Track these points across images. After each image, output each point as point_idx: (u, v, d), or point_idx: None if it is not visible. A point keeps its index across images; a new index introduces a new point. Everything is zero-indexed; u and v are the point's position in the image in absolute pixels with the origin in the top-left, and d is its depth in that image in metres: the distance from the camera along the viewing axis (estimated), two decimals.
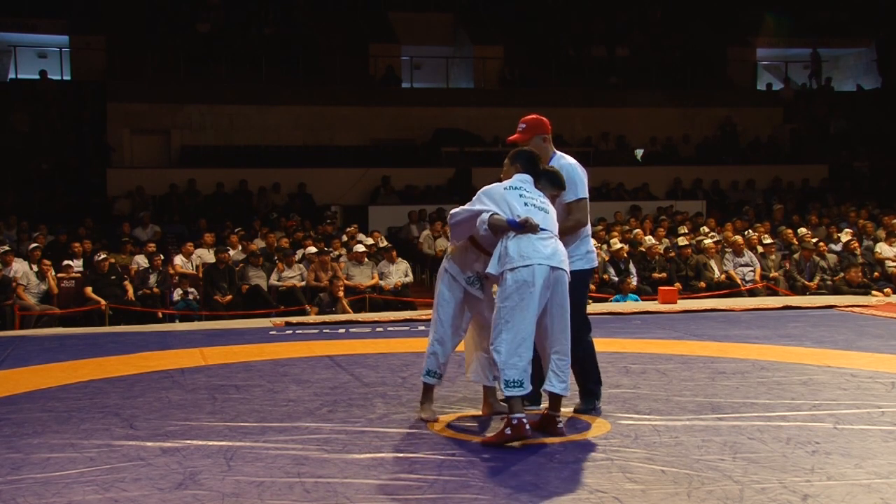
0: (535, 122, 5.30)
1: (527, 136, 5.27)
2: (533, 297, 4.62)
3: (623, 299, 11.89)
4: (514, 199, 4.84)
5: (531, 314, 4.64)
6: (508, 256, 4.69)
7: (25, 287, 11.37)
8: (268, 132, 20.42)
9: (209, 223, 15.61)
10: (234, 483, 3.99)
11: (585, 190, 5.26)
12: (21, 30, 21.24)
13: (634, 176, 20.47)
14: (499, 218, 4.77)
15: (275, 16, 22.52)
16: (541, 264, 4.66)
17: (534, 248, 4.69)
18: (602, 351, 7.50)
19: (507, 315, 4.64)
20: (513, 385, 4.56)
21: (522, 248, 4.68)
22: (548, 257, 4.70)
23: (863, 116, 23.37)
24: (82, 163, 18.98)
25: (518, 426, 4.53)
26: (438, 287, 5.20)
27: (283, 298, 12.08)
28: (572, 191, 5.19)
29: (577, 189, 5.21)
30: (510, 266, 4.66)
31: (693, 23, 24.61)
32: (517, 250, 4.68)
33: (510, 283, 4.65)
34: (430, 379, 5.16)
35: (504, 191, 4.89)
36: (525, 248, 4.68)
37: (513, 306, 4.63)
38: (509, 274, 4.66)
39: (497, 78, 22.43)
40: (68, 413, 5.44)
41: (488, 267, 4.81)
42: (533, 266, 4.64)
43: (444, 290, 5.14)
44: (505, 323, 4.63)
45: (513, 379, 4.56)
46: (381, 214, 17.62)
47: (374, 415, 5.29)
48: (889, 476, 4.01)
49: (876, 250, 13.59)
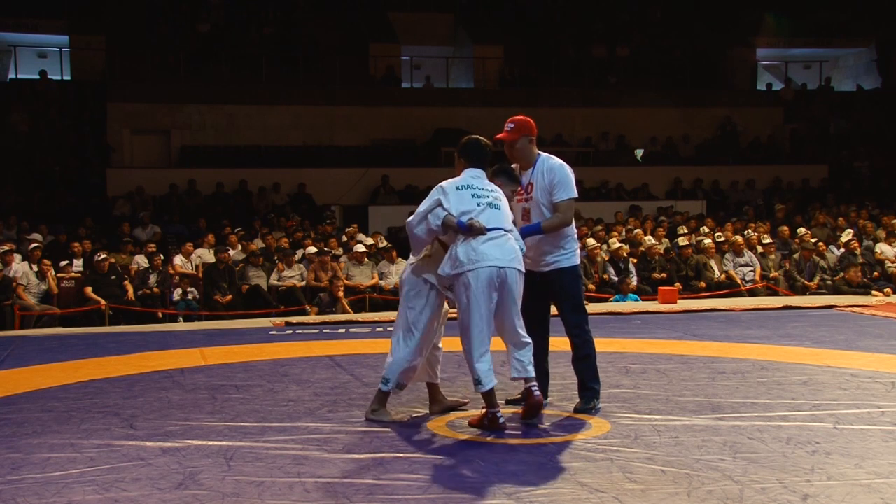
0: (524, 122, 5.33)
1: (515, 135, 5.28)
2: (480, 299, 4.80)
3: (623, 299, 11.88)
4: (465, 197, 4.92)
5: (482, 314, 4.82)
6: (458, 260, 4.84)
7: (25, 287, 11.37)
8: (268, 132, 20.43)
9: (209, 223, 15.61)
10: (234, 483, 3.99)
11: (575, 190, 5.31)
12: (21, 30, 21.25)
13: (634, 176, 20.47)
14: (451, 219, 4.87)
15: (275, 16, 22.53)
16: (487, 266, 4.79)
17: (481, 250, 4.81)
18: (602, 351, 7.50)
19: (463, 318, 4.87)
20: (477, 383, 4.83)
21: (469, 252, 4.82)
22: (496, 259, 4.82)
23: (863, 116, 23.37)
24: (82, 163, 18.99)
25: (492, 419, 4.83)
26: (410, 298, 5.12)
27: (283, 298, 12.08)
28: (563, 190, 5.23)
29: (568, 189, 5.25)
30: (459, 270, 4.82)
31: (693, 23, 24.62)
32: (465, 253, 4.83)
33: (460, 286, 4.84)
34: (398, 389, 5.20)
35: (456, 190, 4.95)
36: (472, 252, 4.82)
37: (464, 309, 4.84)
38: (459, 278, 4.83)
39: (497, 78, 22.43)
40: (68, 413, 5.44)
41: (440, 268, 4.93)
42: (478, 270, 4.79)
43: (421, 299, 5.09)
44: (464, 326, 4.86)
45: (478, 378, 4.82)
46: (381, 214, 17.62)
47: None
48: (889, 476, 4.01)
49: (876, 250, 13.59)
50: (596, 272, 12.56)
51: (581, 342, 5.33)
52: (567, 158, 5.67)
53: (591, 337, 5.38)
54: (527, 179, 5.31)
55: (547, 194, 5.24)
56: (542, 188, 5.25)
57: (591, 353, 5.36)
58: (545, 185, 5.24)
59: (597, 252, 12.80)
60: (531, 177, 5.30)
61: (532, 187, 5.28)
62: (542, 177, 5.25)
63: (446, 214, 4.87)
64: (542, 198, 5.25)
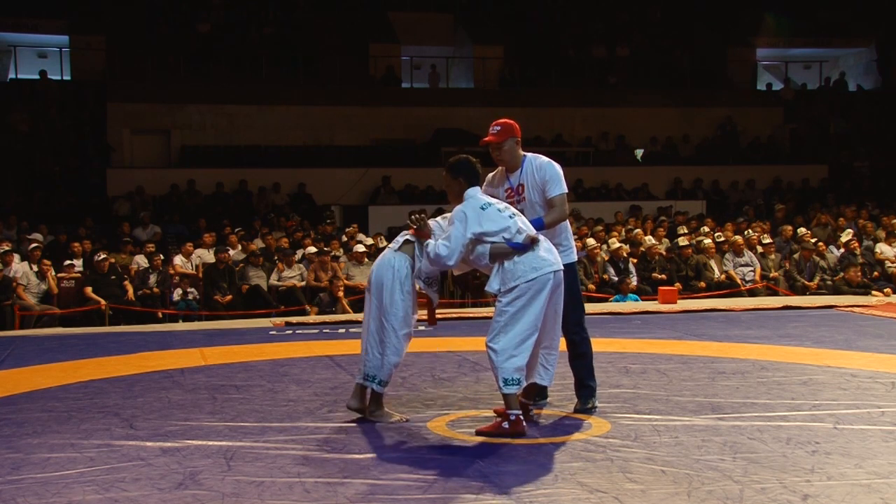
0: (509, 125, 5.33)
1: (502, 138, 5.29)
2: (540, 302, 4.76)
3: (623, 299, 11.88)
4: (494, 216, 4.87)
5: (535, 317, 4.76)
6: (518, 270, 4.76)
7: (25, 287, 11.37)
8: (268, 132, 20.43)
9: (209, 223, 15.60)
10: (234, 483, 3.99)
11: (565, 185, 5.33)
12: (21, 30, 21.26)
13: (634, 176, 20.47)
14: (500, 246, 4.81)
15: (275, 16, 22.54)
16: (551, 272, 4.80)
17: (542, 258, 4.81)
18: (602, 351, 7.51)
19: (509, 317, 4.74)
20: (511, 383, 4.69)
21: (532, 261, 4.78)
22: (554, 263, 4.84)
23: (863, 116, 23.37)
24: (82, 163, 18.99)
25: (516, 422, 4.69)
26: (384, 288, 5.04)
27: (283, 298, 12.08)
28: (557, 185, 5.24)
29: (561, 183, 5.27)
30: (525, 279, 4.75)
31: (693, 23, 24.62)
32: (528, 263, 4.78)
33: (521, 290, 4.74)
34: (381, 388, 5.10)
35: (482, 211, 4.88)
36: (535, 261, 4.78)
37: (516, 310, 4.74)
38: (523, 284, 4.75)
39: (497, 78, 22.44)
40: (68, 413, 5.43)
41: (489, 285, 4.85)
42: (548, 275, 4.78)
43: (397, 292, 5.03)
44: (506, 325, 4.74)
45: (510, 377, 4.69)
46: (381, 214, 17.61)
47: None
48: (889, 476, 4.01)
49: (876, 250, 13.59)
50: (596, 272, 12.56)
51: (580, 339, 5.34)
52: (567, 158, 5.71)
53: (588, 334, 5.39)
54: (516, 181, 5.31)
55: (540, 192, 5.25)
56: (533, 187, 5.27)
57: (588, 350, 5.38)
58: (537, 183, 5.25)
59: (597, 252, 12.80)
60: (521, 178, 5.31)
61: (523, 188, 5.29)
62: (533, 176, 5.25)
63: (491, 246, 4.81)
64: (535, 196, 5.26)
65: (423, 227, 5.05)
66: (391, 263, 5.09)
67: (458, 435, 4.81)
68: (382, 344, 5.04)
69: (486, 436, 4.71)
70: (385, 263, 5.12)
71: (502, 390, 4.73)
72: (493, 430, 4.74)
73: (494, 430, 4.73)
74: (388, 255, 5.17)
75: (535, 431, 4.85)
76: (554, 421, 5.10)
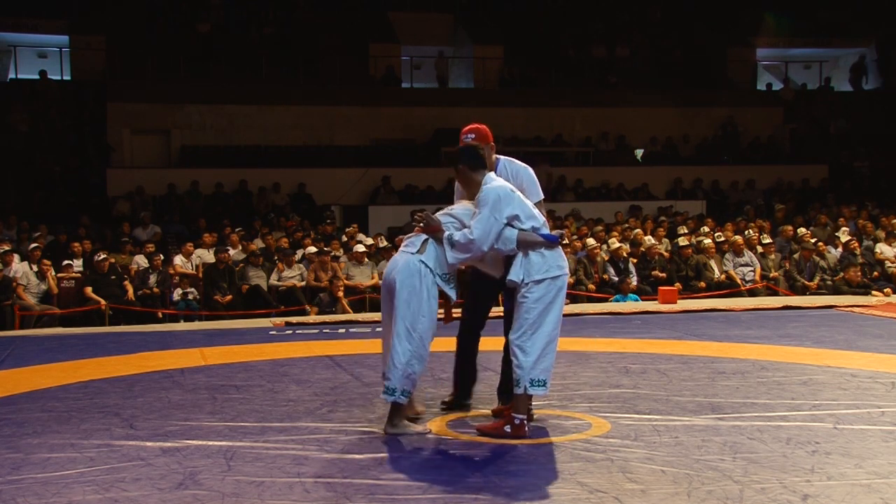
0: (483, 130, 5.32)
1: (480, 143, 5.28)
2: (561, 301, 4.82)
3: (623, 299, 11.88)
4: (520, 201, 4.84)
5: (559, 316, 4.80)
6: (546, 264, 4.75)
7: (25, 287, 11.37)
8: (268, 132, 20.42)
9: (209, 223, 15.60)
10: (234, 483, 3.99)
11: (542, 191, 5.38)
12: (21, 30, 21.24)
13: (634, 176, 20.45)
14: (529, 234, 4.76)
15: (275, 16, 22.53)
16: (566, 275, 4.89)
17: (564, 258, 4.90)
18: (602, 351, 7.53)
19: (538, 315, 4.72)
20: (537, 384, 4.70)
21: (558, 259, 4.82)
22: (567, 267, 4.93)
23: (863, 116, 23.36)
24: (82, 163, 18.98)
25: (519, 426, 4.69)
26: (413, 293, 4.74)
27: (283, 298, 12.08)
28: (535, 192, 5.26)
29: (539, 190, 5.32)
30: (551, 275, 4.75)
31: (693, 23, 24.61)
32: (555, 260, 4.79)
33: (548, 287, 4.74)
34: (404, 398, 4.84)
35: (511, 195, 4.81)
36: (559, 259, 4.83)
37: (544, 308, 4.74)
38: (549, 281, 4.74)
39: (497, 78, 22.43)
40: (68, 413, 5.44)
41: (512, 275, 4.76)
42: (566, 277, 4.87)
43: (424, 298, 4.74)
44: (534, 322, 4.71)
45: (539, 378, 4.70)
46: (381, 214, 17.61)
47: (374, 415, 5.28)
48: (889, 476, 4.01)
49: (876, 250, 13.59)
50: (596, 272, 12.57)
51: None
52: (567, 158, 5.71)
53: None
54: None
55: None
56: None
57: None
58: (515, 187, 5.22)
59: (597, 252, 12.80)
60: None
61: None
62: (511, 181, 5.18)
63: (519, 232, 4.75)
64: None
65: (430, 222, 4.89)
66: (417, 269, 4.77)
67: (459, 435, 4.81)
68: (407, 353, 4.74)
69: (487, 435, 4.72)
70: (411, 269, 4.78)
71: (526, 391, 4.68)
72: (494, 430, 4.74)
73: (496, 431, 4.73)
74: (410, 259, 4.83)
75: (534, 431, 4.85)
76: (554, 421, 5.10)
